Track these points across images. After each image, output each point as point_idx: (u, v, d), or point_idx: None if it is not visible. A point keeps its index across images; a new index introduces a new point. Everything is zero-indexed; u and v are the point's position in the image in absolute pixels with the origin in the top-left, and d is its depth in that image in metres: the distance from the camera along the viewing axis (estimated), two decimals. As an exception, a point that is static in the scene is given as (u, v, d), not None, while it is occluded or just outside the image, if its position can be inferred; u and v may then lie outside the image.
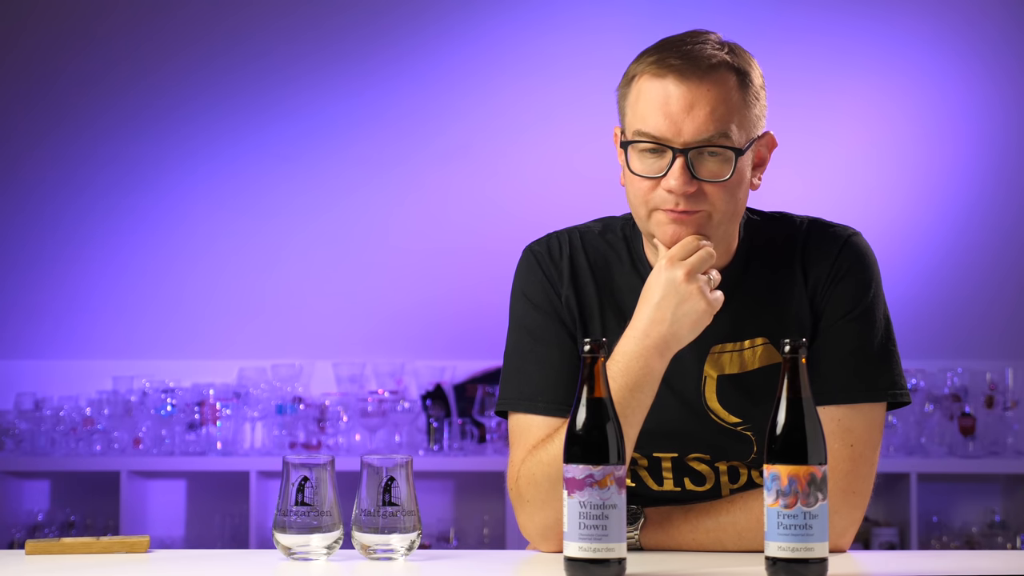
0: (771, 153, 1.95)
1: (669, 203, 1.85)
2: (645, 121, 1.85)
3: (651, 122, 1.84)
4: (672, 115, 1.83)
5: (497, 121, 4.76)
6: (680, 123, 1.83)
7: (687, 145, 1.83)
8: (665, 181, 1.84)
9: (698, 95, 1.83)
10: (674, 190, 1.84)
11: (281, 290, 4.77)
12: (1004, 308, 4.78)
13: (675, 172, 1.83)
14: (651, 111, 1.84)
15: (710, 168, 1.84)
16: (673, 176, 1.83)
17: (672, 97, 1.83)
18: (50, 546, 1.87)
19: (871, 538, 4.37)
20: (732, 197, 1.87)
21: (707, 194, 1.85)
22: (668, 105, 1.83)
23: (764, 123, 1.92)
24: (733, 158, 1.84)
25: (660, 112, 1.84)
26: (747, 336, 1.94)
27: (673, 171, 1.83)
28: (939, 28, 4.75)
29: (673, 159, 1.83)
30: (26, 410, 4.44)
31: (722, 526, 1.88)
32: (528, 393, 1.95)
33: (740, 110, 1.85)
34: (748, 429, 1.94)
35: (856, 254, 1.96)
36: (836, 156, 4.73)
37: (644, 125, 1.85)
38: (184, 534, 4.59)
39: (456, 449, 4.43)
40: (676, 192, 1.84)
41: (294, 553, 1.80)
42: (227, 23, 4.77)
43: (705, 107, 1.83)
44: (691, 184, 1.84)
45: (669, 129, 1.83)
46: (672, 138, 1.83)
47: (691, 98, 1.83)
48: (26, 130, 4.78)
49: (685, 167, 1.83)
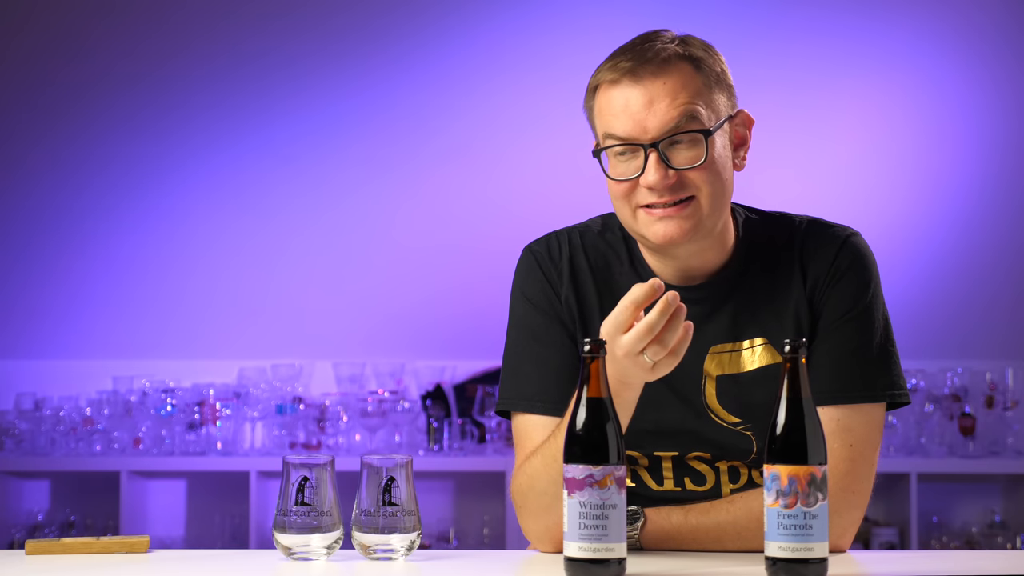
0: (751, 131, 1.96)
1: (652, 198, 1.86)
2: (611, 126, 1.87)
3: (617, 126, 1.87)
4: (634, 115, 1.85)
5: (497, 121, 4.76)
6: (643, 121, 1.85)
7: (655, 139, 1.85)
8: (644, 179, 1.86)
9: (654, 90, 1.85)
10: (654, 185, 1.85)
11: (281, 290, 4.77)
12: (1004, 308, 4.78)
13: (651, 167, 1.85)
14: (614, 116, 1.87)
15: (684, 155, 1.86)
16: (650, 171, 1.85)
17: (631, 98, 1.86)
18: (50, 546, 1.87)
19: (871, 538, 4.37)
20: (716, 179, 1.87)
21: (689, 180, 1.86)
22: (629, 107, 1.86)
23: (735, 104, 1.93)
24: (703, 140, 1.85)
25: (623, 115, 1.86)
26: (746, 336, 1.95)
27: (649, 167, 1.85)
28: (939, 28, 4.75)
29: (646, 156, 1.85)
30: (26, 410, 4.44)
31: (722, 526, 1.87)
32: (527, 393, 1.96)
33: (701, 94, 1.87)
34: (748, 429, 1.94)
35: (855, 254, 1.96)
36: (836, 156, 4.72)
37: (611, 129, 1.87)
38: (184, 534, 4.59)
39: (456, 449, 4.43)
40: (657, 187, 1.85)
41: (294, 553, 1.80)
42: (227, 23, 4.77)
43: (664, 99, 1.85)
44: (669, 175, 1.85)
45: (635, 129, 1.85)
46: (639, 136, 1.85)
47: (649, 95, 1.85)
48: (26, 130, 4.78)
49: (659, 160, 1.85)
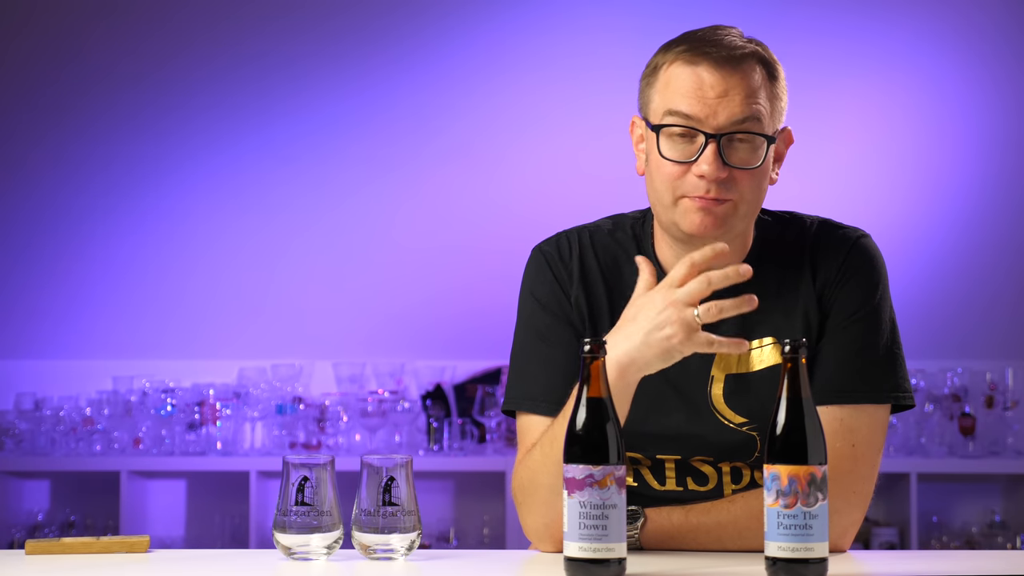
0: (788, 149, 1.96)
1: (700, 189, 1.84)
2: (677, 104, 1.85)
3: (685, 104, 1.84)
4: (706, 99, 1.83)
5: (498, 121, 4.76)
6: (714, 107, 1.83)
7: (720, 130, 1.83)
8: (696, 166, 1.84)
9: (732, 82, 1.84)
10: (706, 175, 1.83)
11: (281, 290, 4.77)
12: (1004, 308, 4.78)
13: (707, 156, 1.83)
14: (685, 94, 1.84)
15: (740, 155, 1.85)
16: (705, 160, 1.83)
17: (706, 82, 1.84)
18: (50, 546, 1.87)
19: (871, 538, 4.37)
20: (758, 187, 1.88)
21: (736, 181, 1.85)
22: (702, 89, 1.84)
23: (783, 119, 1.93)
24: (764, 145, 1.85)
25: (694, 96, 1.84)
26: (755, 336, 1.94)
27: (705, 155, 1.83)
28: (939, 28, 4.75)
29: (705, 144, 1.83)
30: (26, 410, 4.44)
31: (723, 526, 1.87)
32: (532, 393, 1.96)
33: (769, 100, 1.87)
34: (754, 429, 1.93)
35: (865, 256, 1.96)
36: (837, 156, 4.72)
37: (677, 106, 1.85)
38: (184, 534, 4.59)
39: (456, 449, 4.43)
40: (708, 178, 1.83)
41: (294, 553, 1.80)
42: (227, 23, 4.76)
43: (739, 93, 1.84)
44: (723, 170, 1.84)
45: (703, 111, 1.83)
46: (705, 120, 1.83)
47: (725, 85, 1.84)
48: (26, 130, 4.78)
49: (717, 152, 1.83)
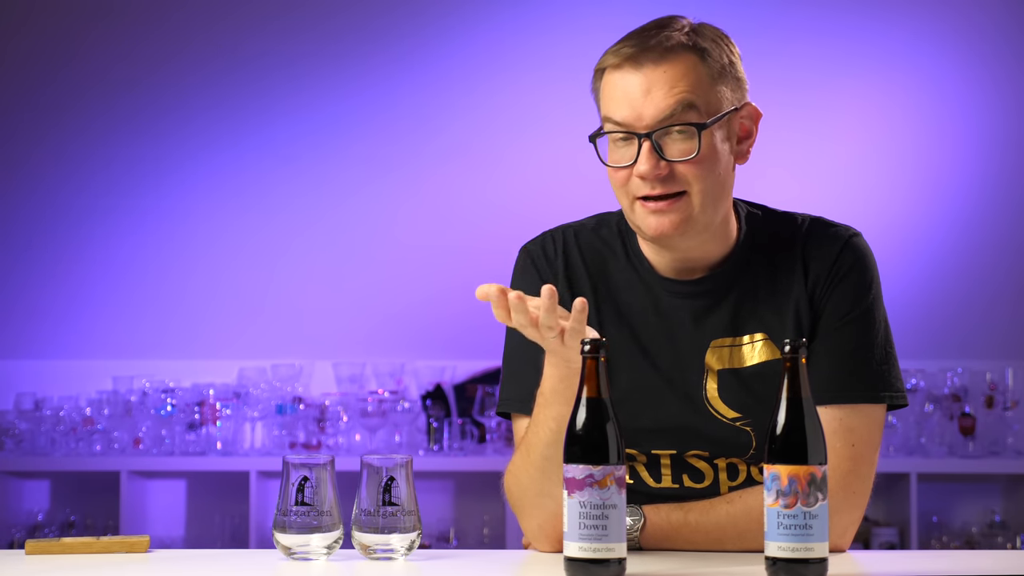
0: (757, 124, 1.95)
1: (645, 188, 1.87)
2: (611, 111, 1.89)
3: (614, 111, 1.88)
4: (632, 101, 1.86)
5: (497, 121, 4.76)
6: (639, 108, 1.85)
7: (649, 128, 1.85)
8: (636, 168, 1.86)
9: (654, 79, 1.85)
10: (645, 175, 1.85)
11: (281, 290, 4.77)
12: (1004, 308, 4.77)
13: (643, 156, 1.85)
14: (613, 101, 1.88)
15: (678, 147, 1.86)
16: (642, 160, 1.86)
17: (630, 84, 1.87)
18: (50, 546, 1.87)
19: (871, 538, 4.37)
20: (709, 173, 1.87)
21: (681, 174, 1.86)
22: (627, 93, 1.86)
23: (742, 96, 1.93)
24: (696, 133, 1.85)
25: (622, 100, 1.87)
26: (746, 331, 1.95)
27: (641, 155, 1.86)
28: (939, 28, 4.75)
29: (640, 145, 1.85)
30: (26, 410, 4.44)
31: (722, 526, 1.87)
32: (523, 395, 1.95)
33: (702, 87, 1.87)
34: (747, 424, 1.93)
35: (857, 255, 1.96)
36: (836, 156, 4.72)
37: (610, 114, 1.89)
38: (184, 534, 4.59)
39: (456, 449, 4.43)
40: (647, 176, 1.86)
41: (294, 553, 1.80)
42: (227, 23, 4.76)
43: (661, 89, 1.85)
44: (660, 167, 1.85)
45: (631, 115, 1.86)
46: (634, 123, 1.86)
47: (647, 83, 1.85)
48: (26, 130, 4.78)
49: (652, 150, 1.85)
